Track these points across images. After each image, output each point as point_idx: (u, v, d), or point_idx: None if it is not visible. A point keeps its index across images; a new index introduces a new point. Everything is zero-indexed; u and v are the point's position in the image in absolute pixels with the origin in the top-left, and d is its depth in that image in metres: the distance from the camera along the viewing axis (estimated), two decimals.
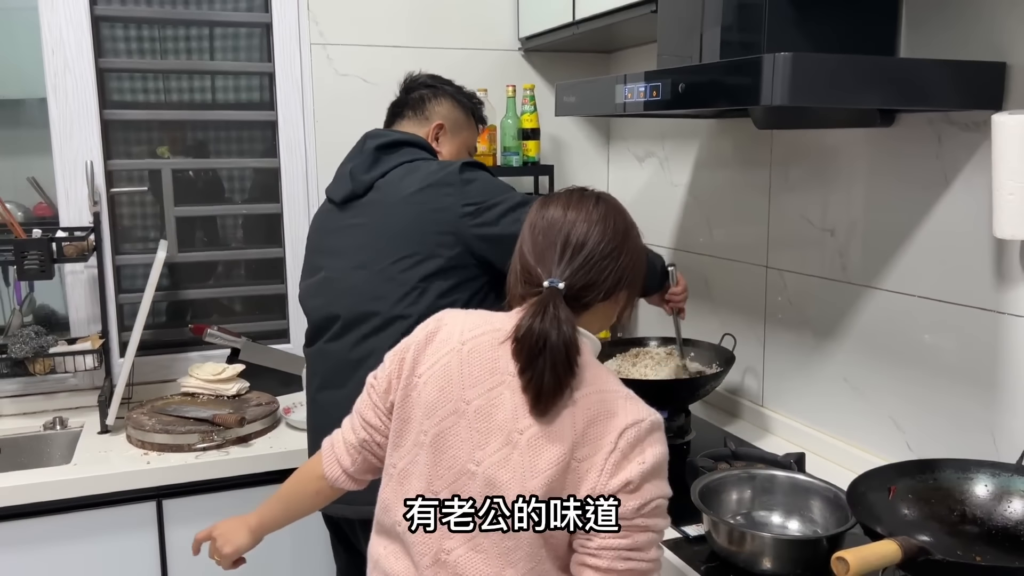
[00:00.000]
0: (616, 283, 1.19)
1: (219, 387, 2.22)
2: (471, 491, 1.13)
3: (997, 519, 1.38)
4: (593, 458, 1.09)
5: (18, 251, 1.98)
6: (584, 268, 1.15)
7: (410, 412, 1.20)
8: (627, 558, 1.09)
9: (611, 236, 1.18)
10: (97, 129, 2.27)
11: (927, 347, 1.66)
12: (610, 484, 1.08)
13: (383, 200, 1.70)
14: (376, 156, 1.75)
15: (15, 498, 1.84)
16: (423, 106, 1.86)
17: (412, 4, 2.52)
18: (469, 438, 1.14)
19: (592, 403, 1.11)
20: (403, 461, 1.21)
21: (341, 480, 1.31)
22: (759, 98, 1.33)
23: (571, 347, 1.10)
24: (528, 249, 1.20)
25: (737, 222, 2.18)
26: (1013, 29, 1.44)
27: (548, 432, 1.10)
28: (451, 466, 1.15)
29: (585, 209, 1.19)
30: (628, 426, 1.10)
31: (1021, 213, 1.36)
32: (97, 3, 2.27)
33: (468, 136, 1.94)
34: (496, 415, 1.14)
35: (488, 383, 1.15)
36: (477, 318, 1.25)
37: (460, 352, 1.19)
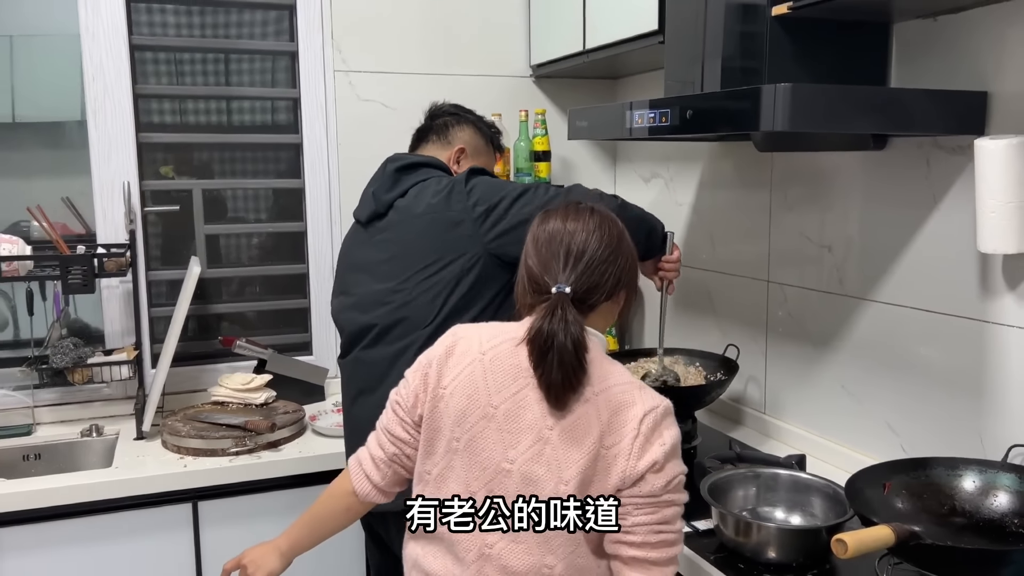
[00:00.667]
0: (616, 283, 1.31)
1: (248, 396, 2.33)
2: (507, 488, 1.24)
3: (984, 512, 1.50)
4: (620, 444, 1.21)
5: (63, 266, 2.10)
6: (587, 273, 1.27)
7: (439, 422, 1.30)
8: (658, 531, 1.22)
9: (607, 242, 1.30)
10: (133, 151, 2.40)
11: (919, 355, 1.77)
12: (639, 466, 1.20)
13: (403, 216, 1.82)
14: (396, 177, 1.87)
15: (61, 498, 1.94)
16: (447, 131, 2.00)
17: (429, 33, 2.66)
18: (500, 439, 1.25)
19: (612, 395, 1.23)
20: (437, 467, 1.30)
21: (372, 495, 1.39)
22: (762, 125, 1.46)
23: (578, 345, 1.21)
24: (533, 261, 1.31)
25: (739, 239, 2.30)
26: (994, 61, 1.57)
27: (577, 426, 1.22)
28: (486, 467, 1.25)
29: (582, 220, 1.31)
30: (647, 412, 1.22)
31: (1003, 229, 1.49)
32: (134, 33, 2.40)
33: (486, 161, 2.06)
34: (524, 416, 1.24)
35: (512, 387, 1.26)
36: (492, 329, 1.35)
37: (482, 361, 1.29)
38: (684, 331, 2.56)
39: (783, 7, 1.62)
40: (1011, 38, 1.53)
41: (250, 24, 2.56)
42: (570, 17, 2.46)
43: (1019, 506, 1.48)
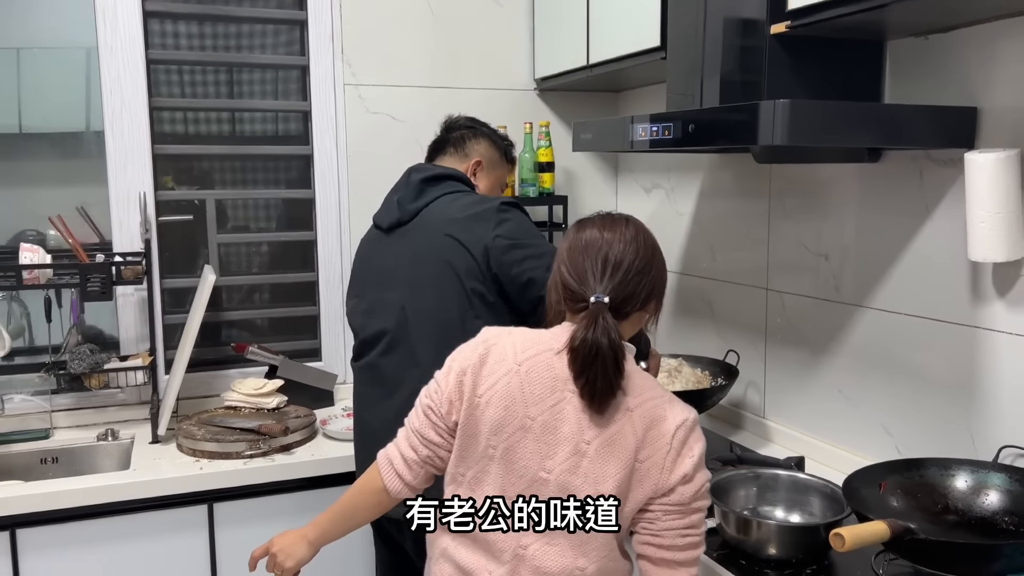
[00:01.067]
0: (649, 294, 1.36)
1: (260, 401, 2.39)
2: (544, 495, 1.29)
3: (976, 510, 1.56)
4: (653, 458, 1.27)
5: (83, 274, 2.16)
6: (623, 283, 1.31)
7: (475, 429, 1.33)
8: (685, 535, 1.29)
9: (643, 253, 1.35)
10: (149, 162, 2.47)
11: (913, 360, 1.84)
12: (671, 479, 1.27)
13: (426, 226, 1.87)
14: (421, 188, 1.92)
15: (81, 499, 2.00)
16: (464, 144, 2.05)
17: (436, 48, 2.73)
18: (537, 450, 1.29)
19: (646, 411, 1.29)
20: (472, 471, 1.34)
21: (403, 492, 1.41)
22: (761, 139, 1.52)
23: (619, 352, 1.26)
24: (568, 269, 1.34)
25: (738, 248, 2.37)
26: (983, 78, 1.64)
27: (614, 440, 1.27)
28: (523, 475, 1.30)
29: (619, 230, 1.36)
30: (678, 426, 1.28)
31: (992, 238, 1.55)
32: (150, 47, 2.47)
33: (501, 173, 2.12)
34: (562, 428, 1.29)
35: (550, 400, 1.30)
36: (525, 338, 1.36)
37: (519, 373, 1.31)
38: (685, 337, 2.63)
39: (781, 26, 1.69)
40: (998, 56, 1.61)
41: (262, 35, 2.63)
42: (574, 33, 2.53)
43: (1009, 504, 1.54)
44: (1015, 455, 1.61)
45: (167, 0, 2.49)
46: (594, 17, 2.44)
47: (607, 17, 2.38)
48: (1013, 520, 1.52)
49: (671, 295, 2.68)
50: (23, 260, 2.16)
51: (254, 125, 2.69)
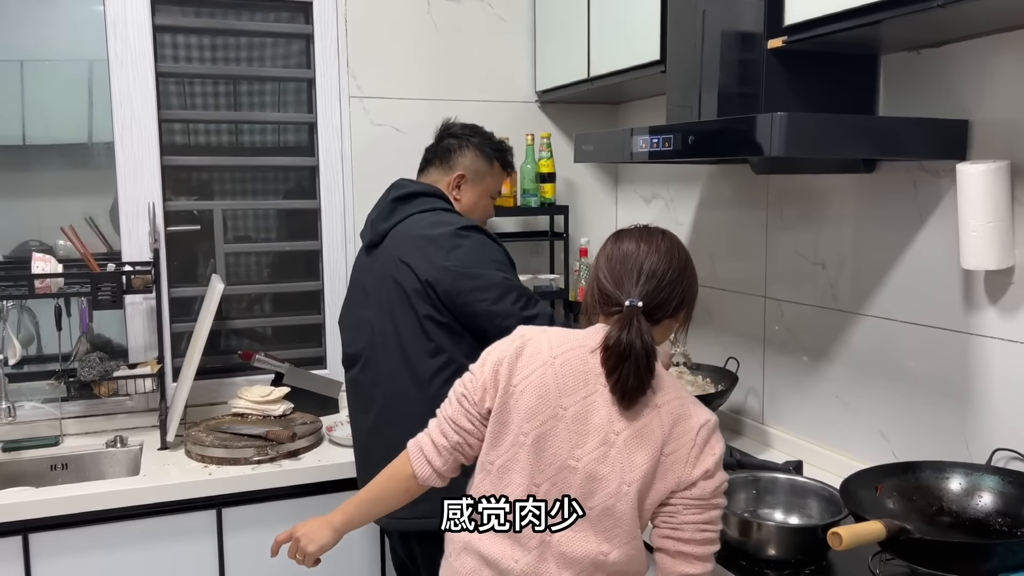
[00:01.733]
0: (680, 303, 1.43)
1: (267, 408, 2.42)
2: (572, 483, 1.35)
3: (970, 511, 1.61)
4: (678, 452, 1.33)
5: (94, 283, 2.20)
6: (656, 290, 1.39)
7: (508, 416, 1.39)
8: (703, 530, 1.35)
9: (676, 264, 1.42)
10: (158, 173, 2.51)
11: (908, 366, 1.88)
12: (694, 473, 1.33)
13: (390, 248, 1.94)
14: (393, 207, 1.98)
15: (92, 505, 2.03)
16: (449, 156, 2.09)
17: (440, 61, 2.78)
18: (568, 439, 1.35)
19: (673, 408, 1.35)
20: (501, 459, 1.39)
21: (432, 479, 1.46)
22: (759, 150, 1.57)
23: (651, 353, 1.33)
24: (605, 276, 1.42)
25: (737, 257, 2.42)
26: (974, 92, 1.69)
27: (641, 433, 1.33)
28: (552, 463, 1.36)
29: (655, 243, 1.44)
30: (702, 425, 1.35)
31: (983, 247, 1.60)
32: (161, 60, 2.52)
33: (491, 183, 2.15)
34: (592, 419, 1.35)
35: (583, 392, 1.37)
36: (559, 335, 1.43)
37: (553, 365, 1.38)
38: (687, 345, 2.67)
39: (778, 41, 1.74)
40: (989, 71, 1.66)
41: (273, 47, 2.68)
42: (575, 47, 2.58)
43: (1002, 505, 1.58)
44: (1008, 458, 1.65)
45: (176, 15, 2.54)
46: (595, 31, 2.49)
47: (607, 31, 2.43)
48: (1006, 521, 1.56)
49: None
50: (35, 269, 2.20)
51: (265, 136, 2.74)
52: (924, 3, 1.41)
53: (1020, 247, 1.61)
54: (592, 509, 1.34)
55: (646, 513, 1.35)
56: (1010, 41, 1.62)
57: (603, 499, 1.33)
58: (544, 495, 1.36)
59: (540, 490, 1.36)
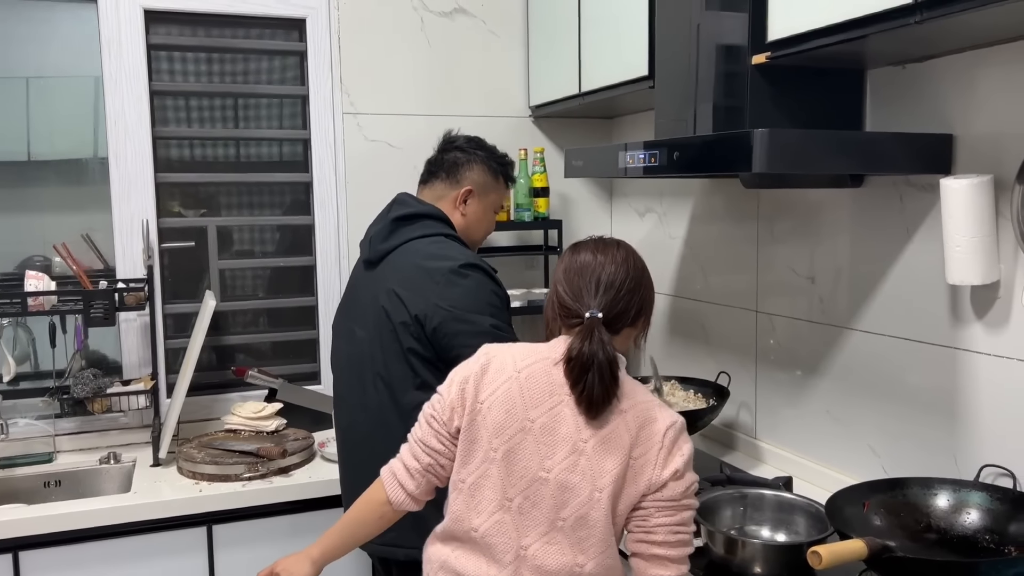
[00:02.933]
0: (639, 311, 1.44)
1: (260, 424, 2.43)
2: (544, 495, 1.35)
3: (958, 528, 1.60)
4: (647, 455, 1.34)
5: (86, 301, 2.21)
6: (615, 300, 1.40)
7: (477, 433, 1.39)
8: (676, 531, 1.35)
9: (633, 274, 1.43)
10: (152, 191, 2.53)
11: (898, 381, 1.87)
12: (663, 474, 1.34)
13: (387, 273, 1.91)
14: (393, 227, 1.95)
15: (82, 522, 2.04)
16: (456, 171, 2.04)
17: (433, 77, 2.80)
18: (537, 451, 1.36)
19: (639, 412, 1.36)
20: (472, 476, 1.39)
21: (406, 503, 1.46)
22: (742, 166, 1.57)
23: (614, 363, 1.34)
24: (564, 289, 1.43)
25: (729, 271, 2.41)
26: (958, 106, 1.69)
27: (610, 438, 1.34)
28: (523, 476, 1.36)
29: (611, 253, 1.44)
30: (668, 427, 1.36)
31: (967, 262, 1.60)
32: (154, 79, 2.54)
33: (496, 197, 2.13)
34: (560, 429, 1.36)
35: (548, 403, 1.37)
36: (523, 349, 1.45)
37: (518, 379, 1.40)
38: (679, 359, 2.66)
39: (762, 56, 1.74)
40: (972, 85, 1.65)
41: (269, 62, 2.69)
42: (567, 62, 2.59)
43: (990, 522, 1.57)
44: (996, 474, 1.64)
45: (171, 34, 2.56)
46: (585, 46, 2.50)
47: (598, 46, 2.44)
48: (994, 538, 1.55)
49: (665, 317, 2.72)
50: (28, 287, 2.22)
51: (260, 149, 2.75)
52: (902, 19, 1.41)
53: (1005, 262, 1.61)
54: (566, 520, 1.34)
55: (619, 519, 1.35)
56: (992, 56, 1.61)
57: (576, 508, 1.33)
58: (517, 509, 1.36)
59: (513, 504, 1.36)
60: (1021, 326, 1.59)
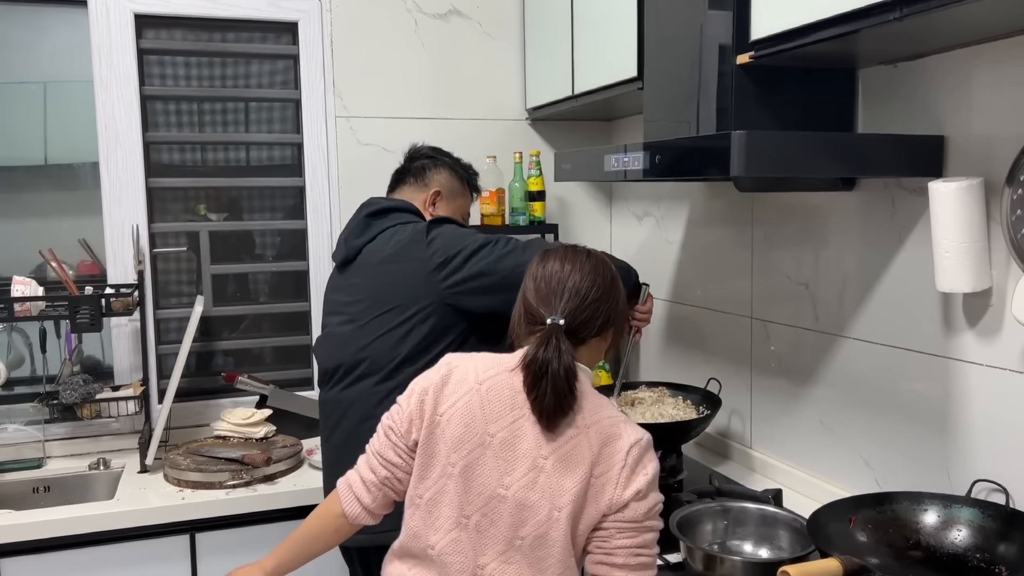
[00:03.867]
0: (606, 322, 1.39)
1: (248, 430, 2.41)
2: (502, 513, 1.30)
3: (947, 546, 1.53)
4: (608, 473, 1.29)
5: (72, 306, 2.20)
6: (580, 308, 1.35)
7: (435, 448, 1.35)
8: (638, 554, 1.29)
9: (601, 283, 1.38)
10: (143, 196, 2.52)
11: (890, 391, 1.81)
12: (625, 494, 1.28)
13: (369, 262, 1.92)
14: (367, 223, 1.96)
15: (63, 529, 2.02)
16: (424, 174, 2.08)
17: (428, 80, 2.77)
18: (496, 466, 1.31)
19: (602, 428, 1.31)
20: (430, 491, 1.35)
21: (362, 517, 1.43)
22: (721, 170, 1.52)
23: (570, 373, 1.29)
24: (531, 296, 1.39)
25: (724, 276, 2.35)
26: (949, 106, 1.62)
27: (571, 456, 1.29)
28: (481, 492, 1.32)
29: (579, 262, 1.40)
30: (632, 444, 1.30)
31: (957, 268, 1.53)
32: (145, 84, 2.53)
33: (462, 202, 2.14)
34: (520, 444, 1.31)
35: (509, 417, 1.33)
36: (486, 360, 1.41)
37: (479, 391, 1.35)
38: (675, 366, 2.61)
39: (745, 56, 1.69)
40: (963, 84, 1.59)
41: (258, 73, 2.68)
42: (561, 64, 2.55)
43: (981, 540, 1.51)
44: (989, 489, 1.58)
45: (162, 38, 2.55)
46: (578, 48, 2.45)
47: (589, 48, 2.39)
48: (984, 556, 1.49)
49: (662, 323, 2.67)
50: (15, 292, 2.21)
51: (260, 153, 2.74)
52: (882, 16, 1.35)
53: (997, 268, 1.54)
54: (524, 539, 1.29)
55: (580, 539, 1.30)
56: (983, 53, 1.55)
57: (534, 527, 1.28)
58: (475, 527, 1.31)
59: (470, 522, 1.31)
60: (1013, 335, 1.53)
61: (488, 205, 2.70)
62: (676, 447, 2.19)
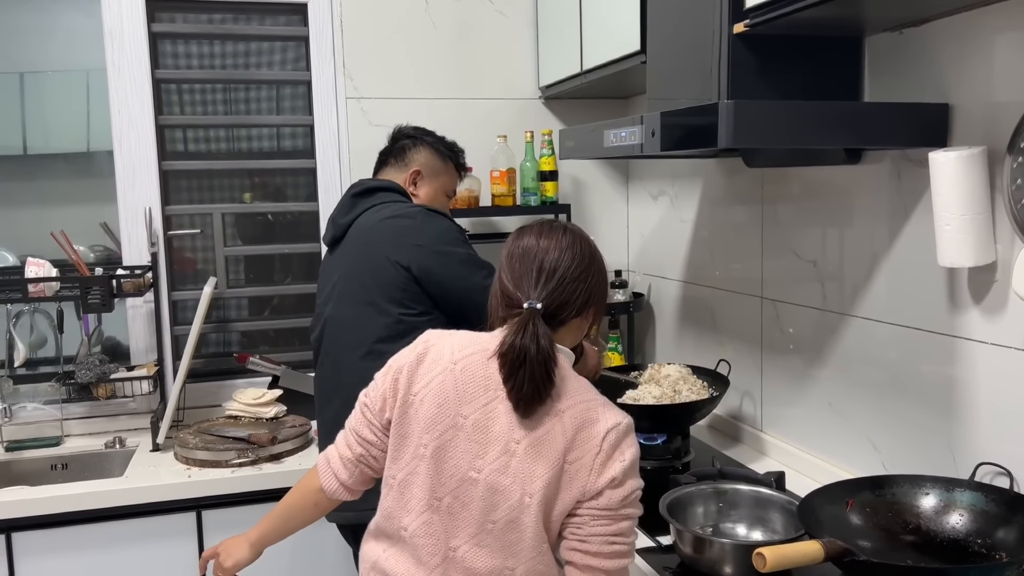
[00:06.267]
0: (586, 301, 1.34)
1: (259, 410, 2.43)
2: (474, 496, 1.28)
3: (948, 531, 1.47)
4: (583, 460, 1.25)
5: (83, 287, 2.24)
6: (558, 290, 1.31)
7: (408, 428, 1.34)
8: (612, 542, 1.26)
9: (579, 260, 1.33)
10: (156, 179, 2.55)
11: (896, 371, 1.74)
12: (599, 481, 1.24)
13: (356, 239, 1.93)
14: (353, 202, 1.98)
15: (71, 505, 2.07)
16: (404, 154, 2.09)
17: (438, 59, 2.74)
18: (468, 449, 1.28)
19: (578, 413, 1.27)
20: (402, 472, 1.34)
21: (339, 492, 1.44)
22: (711, 141, 1.47)
23: (548, 359, 1.25)
24: (507, 276, 1.34)
25: (736, 255, 2.30)
26: (953, 73, 1.55)
27: (543, 440, 1.25)
28: (453, 474, 1.29)
29: (555, 238, 1.35)
30: (609, 429, 1.26)
31: (959, 242, 1.46)
32: (158, 67, 2.55)
33: (446, 180, 2.14)
34: (493, 427, 1.28)
35: (483, 399, 1.30)
36: (463, 338, 1.37)
37: (453, 371, 1.32)
38: (689, 347, 2.56)
39: (741, 25, 1.63)
40: (968, 49, 1.52)
41: (270, 52, 2.69)
42: (570, 40, 2.51)
43: (982, 525, 1.45)
44: (994, 473, 1.51)
45: (173, 21, 2.57)
46: (586, 23, 2.41)
47: (596, 23, 2.35)
48: (985, 542, 1.42)
49: (676, 303, 2.62)
50: (29, 274, 2.26)
51: (282, 140, 2.76)
52: None
53: (1002, 242, 1.47)
54: (496, 523, 1.26)
55: (554, 525, 1.27)
56: (988, 16, 1.47)
57: (506, 511, 1.26)
58: (447, 509, 1.29)
59: (442, 504, 1.29)
60: (1019, 312, 1.45)
61: (499, 185, 2.67)
62: (682, 429, 2.15)
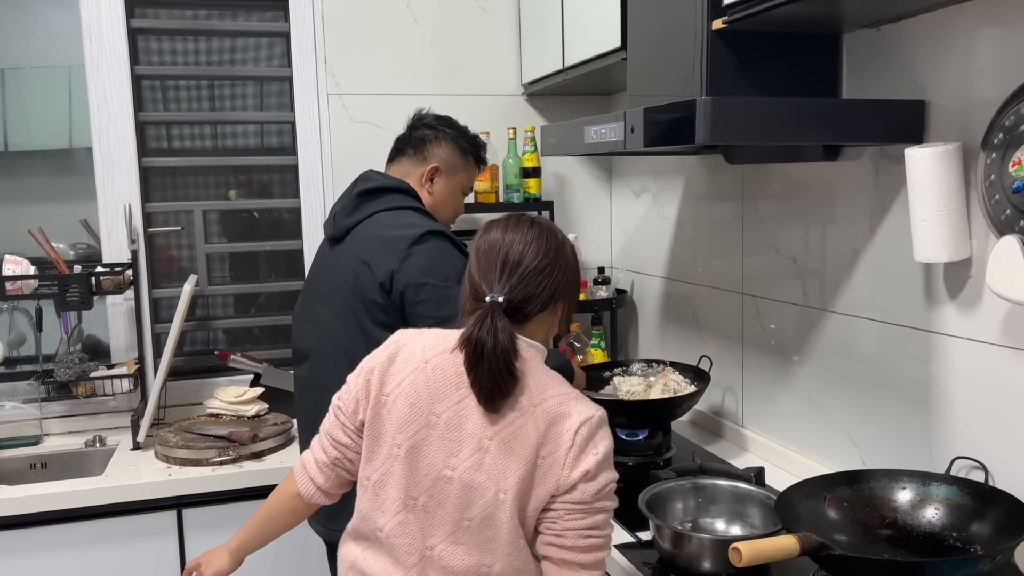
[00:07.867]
0: (552, 295, 1.33)
1: (240, 408, 2.42)
2: (449, 494, 1.27)
3: (924, 525, 1.48)
4: (555, 454, 1.25)
5: (61, 285, 2.22)
6: (521, 283, 1.30)
7: (381, 428, 1.33)
8: (587, 536, 1.26)
9: (544, 253, 1.32)
10: (136, 176, 2.53)
11: (875, 366, 1.75)
12: (572, 475, 1.24)
13: (351, 247, 1.86)
14: (358, 202, 1.90)
15: (49, 505, 2.05)
16: (423, 147, 2.00)
17: (421, 56, 2.73)
18: (442, 447, 1.28)
19: (550, 408, 1.26)
20: (377, 473, 1.33)
21: (316, 497, 1.43)
22: (688, 137, 1.47)
23: (507, 353, 1.24)
24: (474, 270, 1.34)
25: (717, 252, 2.30)
26: (929, 70, 1.56)
27: (515, 436, 1.25)
28: (427, 473, 1.29)
29: (520, 231, 1.34)
30: (582, 423, 1.25)
31: (934, 238, 1.47)
32: (138, 63, 2.54)
33: (464, 177, 2.07)
34: (466, 425, 1.28)
35: (455, 396, 1.29)
36: (434, 336, 1.37)
37: (425, 370, 1.31)
38: (672, 343, 2.57)
39: (719, 21, 1.63)
40: (943, 46, 1.52)
41: (255, 49, 2.68)
42: (552, 37, 2.51)
43: (957, 519, 1.46)
44: (969, 467, 1.52)
45: (152, 17, 2.55)
46: (568, 20, 2.41)
47: (577, 20, 2.35)
48: (960, 536, 1.43)
49: (658, 300, 2.63)
50: (6, 271, 2.24)
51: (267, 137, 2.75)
52: None
53: (977, 237, 1.48)
54: (472, 520, 1.26)
55: (530, 520, 1.27)
56: (962, 12, 1.48)
57: (482, 508, 1.26)
58: (422, 508, 1.29)
59: (418, 503, 1.29)
60: (992, 307, 1.46)
61: (482, 182, 2.67)
62: (663, 425, 2.15)
